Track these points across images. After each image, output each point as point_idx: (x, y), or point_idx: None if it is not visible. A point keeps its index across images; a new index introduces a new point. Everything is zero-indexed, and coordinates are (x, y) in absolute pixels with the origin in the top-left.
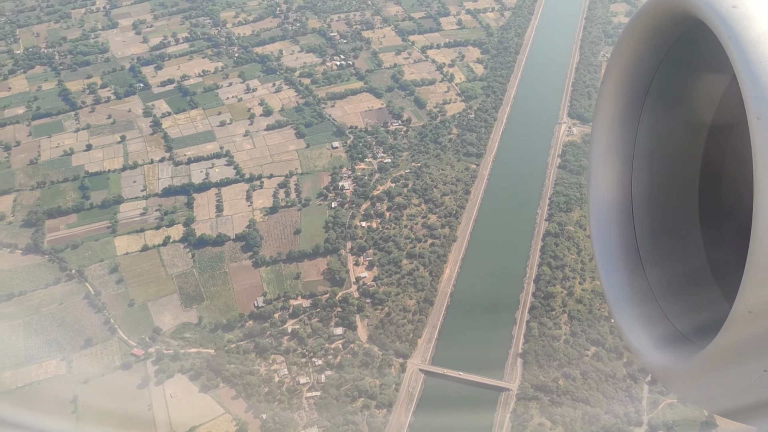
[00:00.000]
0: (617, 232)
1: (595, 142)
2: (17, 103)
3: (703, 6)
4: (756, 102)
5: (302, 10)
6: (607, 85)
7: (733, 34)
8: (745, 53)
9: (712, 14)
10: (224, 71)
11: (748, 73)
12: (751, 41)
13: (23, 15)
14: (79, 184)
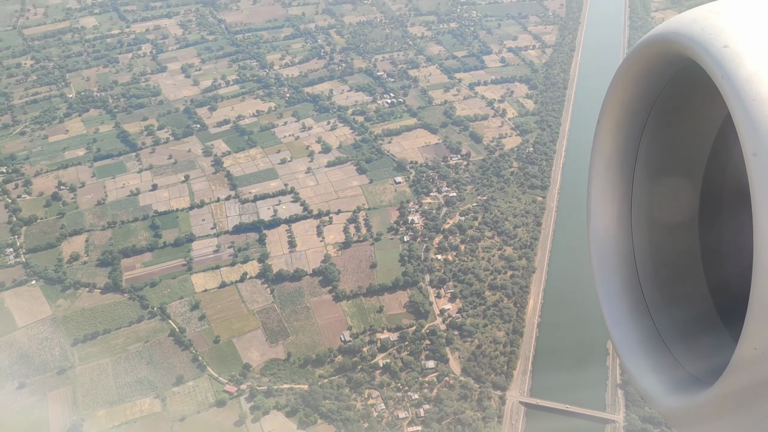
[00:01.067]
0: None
1: (593, 182)
2: (77, 145)
3: (695, 46)
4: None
5: (346, 51)
6: (604, 124)
7: (725, 74)
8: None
9: (704, 54)
10: (278, 111)
11: (743, 111)
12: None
13: (71, 60)
14: (149, 223)
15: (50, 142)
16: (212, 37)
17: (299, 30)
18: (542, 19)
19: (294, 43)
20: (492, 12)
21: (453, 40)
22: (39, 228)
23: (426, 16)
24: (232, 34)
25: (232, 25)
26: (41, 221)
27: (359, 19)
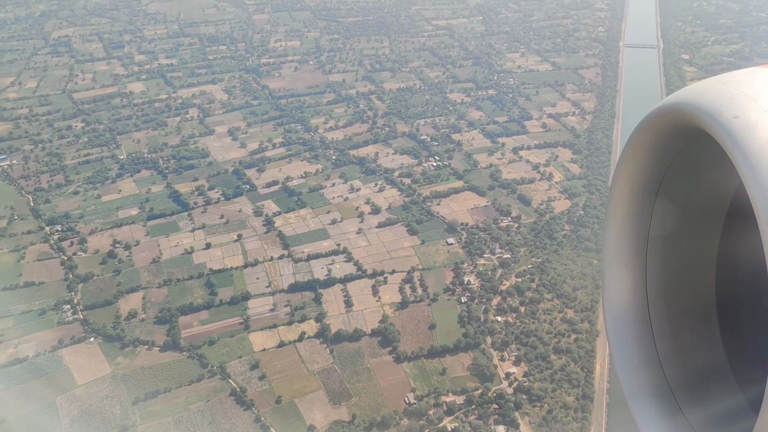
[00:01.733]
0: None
1: (607, 247)
2: (130, 204)
3: (705, 117)
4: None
5: (388, 115)
6: (616, 192)
7: (736, 144)
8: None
9: (714, 125)
10: (325, 173)
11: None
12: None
13: (120, 123)
14: (204, 281)
15: (104, 202)
16: (257, 102)
17: (341, 95)
18: (579, 87)
19: (337, 107)
20: (528, 80)
21: (492, 106)
22: (96, 285)
23: (464, 83)
24: (275, 99)
25: (275, 90)
26: (98, 278)
27: (399, 85)
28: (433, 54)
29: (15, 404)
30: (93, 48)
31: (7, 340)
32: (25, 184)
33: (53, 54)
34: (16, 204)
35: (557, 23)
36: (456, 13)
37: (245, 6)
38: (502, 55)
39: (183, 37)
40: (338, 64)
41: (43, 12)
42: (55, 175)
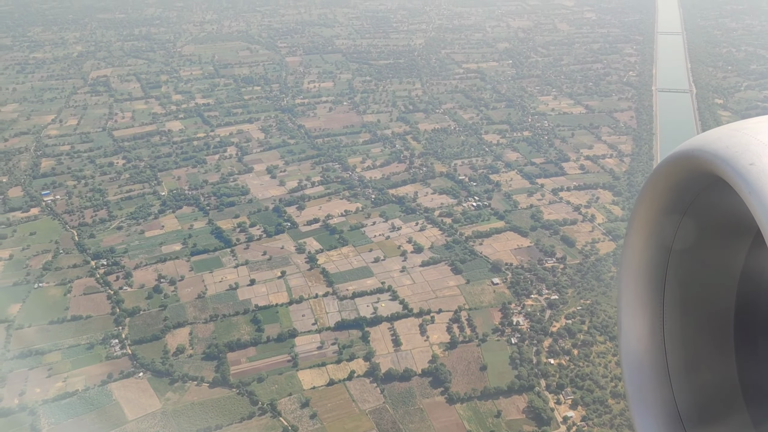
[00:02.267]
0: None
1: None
2: (173, 240)
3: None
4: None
5: (425, 156)
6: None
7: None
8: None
9: (730, 171)
10: (365, 211)
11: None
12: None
13: (160, 160)
14: (250, 317)
15: (147, 237)
16: (293, 141)
17: (377, 135)
18: (614, 130)
19: (373, 147)
20: (563, 122)
21: (529, 147)
22: (142, 320)
23: (498, 125)
24: (311, 139)
25: (311, 130)
26: (144, 313)
27: (433, 126)
28: (465, 96)
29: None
30: (131, 87)
31: (57, 373)
32: (69, 218)
33: (92, 93)
34: (61, 238)
35: (587, 67)
36: (486, 57)
37: (277, 49)
38: (535, 98)
39: (218, 77)
40: (372, 105)
41: (80, 53)
42: (98, 210)
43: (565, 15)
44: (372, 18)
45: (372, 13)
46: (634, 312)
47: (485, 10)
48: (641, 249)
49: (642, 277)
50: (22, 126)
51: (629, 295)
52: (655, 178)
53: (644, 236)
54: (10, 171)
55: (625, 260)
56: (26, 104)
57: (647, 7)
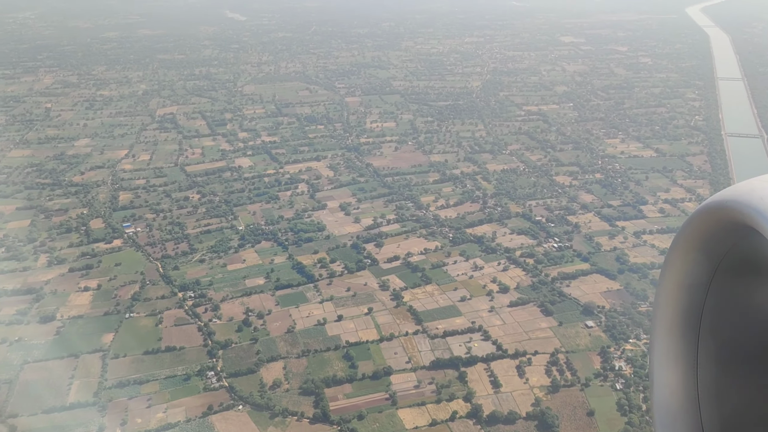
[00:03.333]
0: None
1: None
2: (255, 274)
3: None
4: None
5: (498, 196)
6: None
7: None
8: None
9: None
10: (444, 250)
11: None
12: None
13: (234, 195)
14: (341, 353)
15: (230, 270)
16: (363, 179)
17: (446, 175)
18: (689, 174)
19: (444, 186)
20: (634, 165)
21: (603, 189)
22: (235, 353)
23: (568, 167)
24: (381, 177)
25: (379, 168)
26: (236, 346)
27: (502, 167)
28: (530, 137)
29: None
30: (197, 125)
31: (156, 404)
32: (151, 250)
33: (161, 129)
34: (146, 270)
35: (651, 111)
36: (545, 100)
37: (336, 89)
38: (602, 141)
39: (281, 116)
40: (437, 145)
41: (145, 91)
42: (179, 243)
43: (619, 60)
44: (425, 61)
45: (425, 56)
46: (668, 364)
47: (538, 54)
48: (674, 301)
49: (675, 331)
50: (97, 160)
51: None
52: (688, 230)
53: (677, 288)
54: (90, 203)
55: (658, 312)
56: (98, 139)
57: (702, 53)
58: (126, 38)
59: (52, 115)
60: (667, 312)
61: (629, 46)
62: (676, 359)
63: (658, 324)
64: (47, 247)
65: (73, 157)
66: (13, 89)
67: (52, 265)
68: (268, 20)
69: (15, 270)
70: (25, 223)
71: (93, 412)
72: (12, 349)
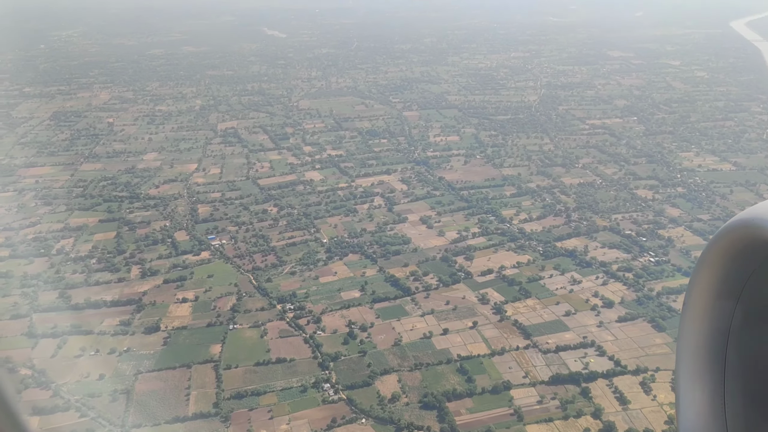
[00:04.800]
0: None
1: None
2: (349, 287)
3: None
4: None
5: (580, 210)
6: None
7: None
8: None
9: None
10: (536, 263)
11: None
12: None
13: (311, 209)
14: (454, 367)
15: (322, 283)
16: (438, 192)
17: (521, 189)
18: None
19: (522, 200)
20: (715, 179)
21: (688, 203)
22: (346, 365)
23: (646, 180)
24: (456, 191)
25: (452, 182)
26: (345, 358)
27: (577, 181)
28: (600, 151)
29: None
30: (260, 139)
31: (278, 416)
32: (240, 262)
33: (225, 143)
34: (239, 282)
35: (719, 125)
36: (607, 114)
37: (392, 104)
38: (675, 154)
39: (341, 130)
40: (506, 159)
41: (202, 106)
42: (266, 255)
43: (675, 73)
44: (475, 75)
45: (473, 70)
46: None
47: (589, 69)
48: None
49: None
50: (169, 174)
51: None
52: (713, 249)
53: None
54: (170, 216)
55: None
56: (165, 153)
57: (758, 67)
58: (172, 55)
59: (116, 129)
60: (693, 329)
61: (681, 60)
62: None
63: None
64: (137, 259)
65: (144, 170)
66: (71, 105)
67: (146, 277)
68: (308, 37)
69: (110, 281)
70: (111, 235)
71: (216, 422)
72: (122, 360)
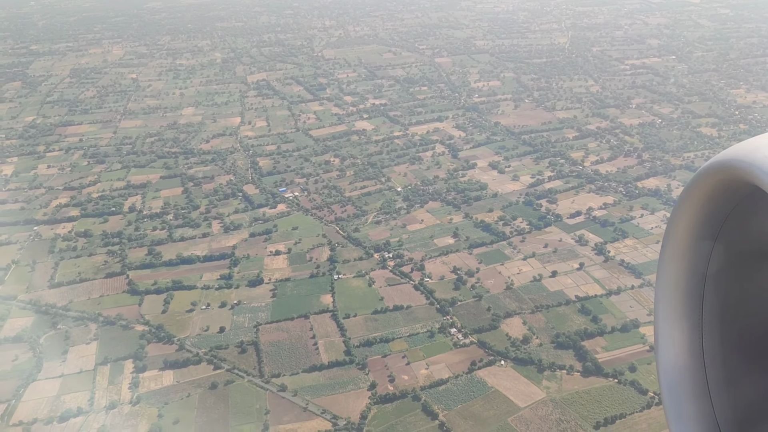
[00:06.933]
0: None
1: (660, 307)
2: (440, 233)
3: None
4: None
5: (650, 149)
6: (668, 249)
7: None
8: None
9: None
10: (622, 204)
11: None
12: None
13: (374, 158)
14: (573, 308)
15: (411, 231)
16: (498, 137)
17: (582, 131)
18: None
19: (587, 142)
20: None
21: None
22: (464, 310)
23: (706, 119)
24: (516, 135)
25: (509, 127)
26: (461, 304)
27: (636, 121)
28: (649, 91)
29: (465, 424)
30: (295, 90)
31: (414, 361)
32: (320, 214)
33: (261, 96)
34: (327, 233)
35: (761, 61)
36: (643, 53)
37: (420, 51)
38: (726, 92)
39: (376, 79)
40: (556, 102)
41: (223, 59)
42: (344, 206)
43: (698, 12)
44: (495, 20)
45: (491, 14)
46: (672, 326)
47: (609, 9)
48: (677, 263)
49: (680, 289)
50: (214, 128)
51: (666, 308)
52: (693, 189)
53: (682, 246)
54: (232, 170)
55: (662, 270)
56: (203, 108)
57: None
58: (172, 8)
59: (142, 85)
60: (671, 269)
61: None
62: (681, 319)
63: (662, 281)
64: (214, 214)
65: (187, 125)
66: (86, 61)
67: (230, 231)
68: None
69: (194, 237)
70: (178, 191)
71: (353, 370)
72: (236, 313)
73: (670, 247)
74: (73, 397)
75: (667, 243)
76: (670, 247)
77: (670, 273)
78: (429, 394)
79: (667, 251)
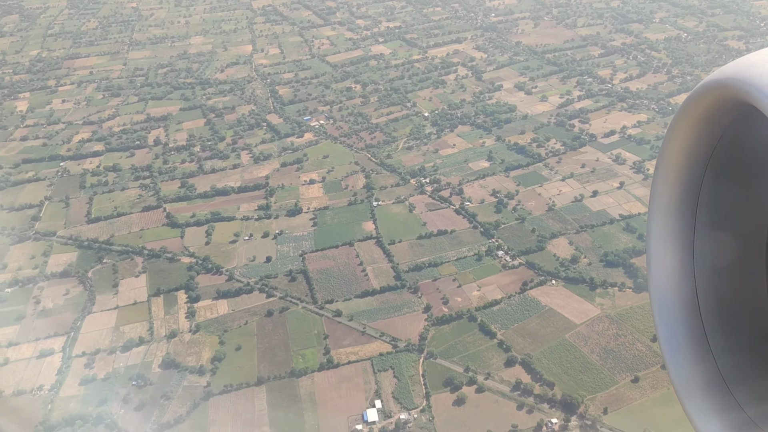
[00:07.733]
0: (683, 319)
1: (653, 229)
2: (474, 157)
3: (754, 91)
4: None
5: (678, 64)
6: (662, 171)
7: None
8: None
9: (763, 99)
10: (656, 121)
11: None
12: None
13: (396, 83)
14: (617, 227)
15: (444, 156)
16: (521, 57)
17: (607, 48)
18: None
19: (613, 59)
20: None
21: None
22: (508, 232)
23: (731, 31)
24: (539, 55)
25: (531, 46)
26: (505, 226)
27: (662, 36)
28: (671, 4)
29: (524, 342)
30: (304, 15)
31: (465, 284)
32: (349, 141)
33: (270, 22)
34: (359, 160)
35: None
36: None
37: None
38: (749, 4)
39: (387, 0)
40: (577, 18)
41: None
42: (372, 132)
43: None
44: None
45: None
46: (664, 244)
47: None
48: (672, 180)
49: (672, 212)
50: (226, 57)
51: (659, 230)
52: (687, 109)
53: (676, 167)
54: (252, 100)
55: (656, 191)
56: (211, 36)
57: None
58: None
59: (144, 14)
60: (665, 190)
61: None
62: (673, 240)
63: (655, 202)
64: (241, 145)
65: (197, 55)
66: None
67: (260, 162)
68: None
69: (225, 168)
70: (200, 122)
71: (406, 294)
72: (280, 242)
73: (664, 166)
74: (131, 328)
75: (662, 163)
76: (664, 167)
77: (664, 194)
78: (484, 314)
79: (661, 171)
